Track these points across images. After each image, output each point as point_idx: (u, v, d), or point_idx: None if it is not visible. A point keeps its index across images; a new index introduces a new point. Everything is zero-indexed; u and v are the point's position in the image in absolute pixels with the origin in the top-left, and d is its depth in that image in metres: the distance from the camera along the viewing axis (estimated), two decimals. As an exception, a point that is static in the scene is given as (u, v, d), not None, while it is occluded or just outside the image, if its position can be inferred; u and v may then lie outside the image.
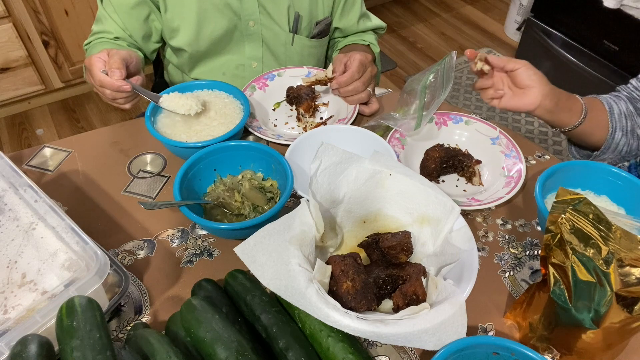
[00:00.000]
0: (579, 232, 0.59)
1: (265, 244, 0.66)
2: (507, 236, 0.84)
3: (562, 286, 0.60)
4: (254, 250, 0.65)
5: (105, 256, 0.65)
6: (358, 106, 1.04)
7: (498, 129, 0.98)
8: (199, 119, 0.95)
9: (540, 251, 0.75)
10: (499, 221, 0.86)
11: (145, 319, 0.72)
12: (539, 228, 0.85)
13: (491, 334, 0.71)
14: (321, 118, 1.06)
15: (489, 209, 0.88)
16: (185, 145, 0.89)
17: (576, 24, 2.28)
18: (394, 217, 0.78)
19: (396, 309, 0.66)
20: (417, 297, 0.65)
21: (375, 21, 1.26)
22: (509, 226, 0.86)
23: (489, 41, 2.94)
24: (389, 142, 0.93)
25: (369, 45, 1.21)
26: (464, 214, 0.84)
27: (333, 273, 0.66)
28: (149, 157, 0.97)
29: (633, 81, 0.96)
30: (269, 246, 0.65)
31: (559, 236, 0.60)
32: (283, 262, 0.63)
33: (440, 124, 1.01)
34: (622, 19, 2.06)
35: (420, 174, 0.88)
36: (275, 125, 1.06)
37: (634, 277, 0.57)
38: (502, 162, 0.94)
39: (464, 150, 0.94)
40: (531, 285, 0.67)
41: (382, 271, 0.71)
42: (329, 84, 1.04)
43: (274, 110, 1.09)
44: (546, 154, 0.98)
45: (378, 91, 1.24)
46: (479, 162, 0.93)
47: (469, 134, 1.00)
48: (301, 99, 1.04)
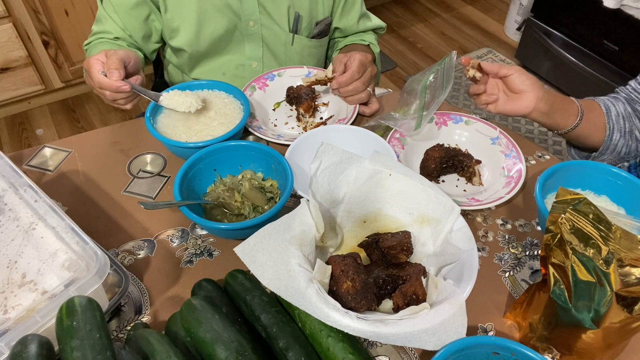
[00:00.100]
0: (579, 232, 0.59)
1: (265, 244, 0.66)
2: (507, 236, 0.84)
3: (562, 286, 0.60)
4: (254, 250, 0.65)
5: (105, 256, 0.65)
6: (358, 106, 1.04)
7: (498, 129, 0.98)
8: (199, 119, 0.95)
9: (540, 251, 0.75)
10: (499, 221, 0.86)
11: (145, 319, 0.72)
12: (539, 228, 0.85)
13: (491, 334, 0.71)
14: (321, 118, 1.06)
15: (489, 209, 0.88)
16: (185, 145, 0.89)
17: (576, 24, 2.28)
18: (394, 217, 0.78)
19: (396, 309, 0.66)
20: (417, 297, 0.65)
21: (375, 21, 1.26)
22: (509, 226, 0.86)
23: (489, 41, 2.94)
24: (389, 142, 0.93)
25: (369, 45, 1.21)
26: (464, 214, 0.84)
27: (333, 273, 0.66)
28: (149, 157, 0.97)
29: (632, 82, 0.97)
30: (269, 246, 0.65)
31: (559, 236, 0.60)
32: (283, 262, 0.63)
33: (440, 124, 1.01)
34: (622, 19, 2.06)
35: (420, 174, 0.88)
36: (275, 125, 1.06)
37: (634, 277, 0.57)
38: (502, 162, 0.94)
39: (464, 150, 0.94)
40: (531, 285, 0.67)
41: (382, 271, 0.71)
42: (329, 84, 1.04)
43: (274, 110, 1.09)
44: (546, 154, 0.98)
45: (378, 91, 1.24)
46: (479, 162, 0.93)
47: (469, 134, 1.00)
48: (301, 99, 1.04)
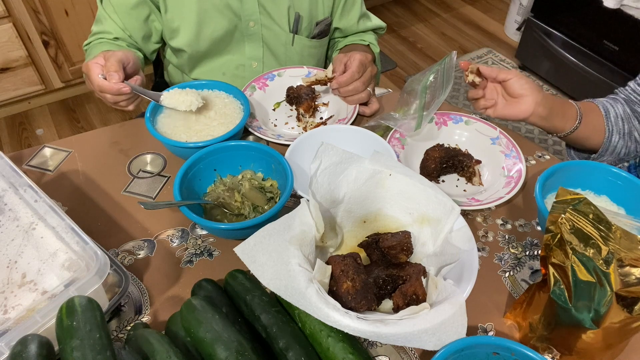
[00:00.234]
0: (579, 232, 0.59)
1: (265, 244, 0.66)
2: (507, 236, 0.84)
3: (562, 286, 0.60)
4: (254, 250, 0.65)
5: (105, 256, 0.65)
6: (358, 106, 1.04)
7: (498, 129, 0.98)
8: (199, 119, 0.95)
9: (540, 251, 0.75)
10: (499, 221, 0.86)
11: (145, 319, 0.72)
12: (539, 228, 0.85)
13: (491, 334, 0.71)
14: (321, 118, 1.06)
15: (489, 209, 0.88)
16: (185, 145, 0.89)
17: (576, 24, 2.28)
18: (394, 217, 0.78)
19: (396, 309, 0.66)
20: (417, 297, 0.65)
21: (375, 21, 1.26)
22: (509, 226, 0.86)
23: (489, 41, 2.94)
24: (389, 142, 0.93)
25: (368, 45, 1.21)
26: (464, 214, 0.84)
27: (333, 273, 0.66)
28: (149, 157, 0.97)
29: (631, 84, 0.97)
30: (269, 246, 0.65)
31: (559, 236, 0.60)
32: (283, 262, 0.63)
33: (440, 124, 1.01)
34: (622, 19, 2.06)
35: (420, 174, 0.88)
36: (275, 125, 1.06)
37: (634, 277, 0.57)
38: (502, 162, 0.94)
39: (464, 150, 0.94)
40: (531, 285, 0.67)
41: (382, 271, 0.71)
42: (329, 84, 1.04)
43: (274, 110, 1.09)
44: (546, 154, 0.98)
45: (378, 91, 1.24)
46: (479, 162, 0.93)
47: (469, 134, 1.00)
48: (301, 99, 1.04)
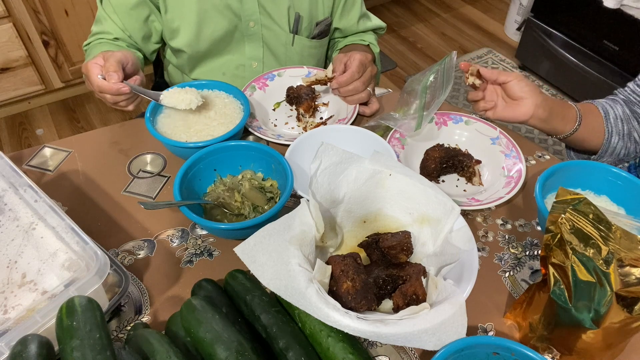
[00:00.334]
0: (579, 232, 0.59)
1: (265, 244, 0.66)
2: (507, 236, 0.84)
3: (562, 286, 0.60)
4: (254, 250, 0.65)
5: (105, 256, 0.65)
6: (358, 106, 1.04)
7: (498, 129, 0.98)
8: (199, 119, 0.95)
9: (540, 251, 0.75)
10: (499, 221, 0.86)
11: (145, 319, 0.72)
12: (539, 228, 0.85)
13: (491, 334, 0.71)
14: (321, 118, 1.06)
15: (489, 209, 0.88)
16: (185, 145, 0.89)
17: (576, 24, 2.28)
18: (394, 217, 0.78)
19: (396, 309, 0.66)
20: (417, 297, 0.65)
21: (375, 21, 1.26)
22: (509, 226, 0.86)
23: (489, 41, 2.94)
24: (389, 142, 0.93)
25: (368, 45, 1.21)
26: (464, 214, 0.84)
27: (333, 273, 0.66)
28: (149, 157, 0.97)
29: (630, 84, 0.97)
30: (269, 246, 0.65)
31: (559, 236, 0.60)
32: (283, 262, 0.63)
33: (440, 124, 1.01)
34: (622, 19, 2.06)
35: (420, 174, 0.88)
36: (275, 125, 1.06)
37: (634, 277, 0.57)
38: (502, 162, 0.94)
39: (464, 150, 0.94)
40: (531, 285, 0.67)
41: (382, 271, 0.71)
42: (329, 84, 1.04)
43: (274, 110, 1.09)
44: (546, 154, 0.98)
45: (378, 91, 1.24)
46: (479, 162, 0.93)
47: (469, 134, 1.00)
48: (301, 99, 1.04)
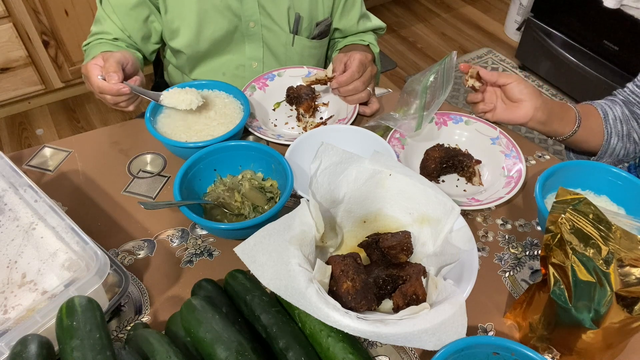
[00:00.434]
0: (579, 232, 0.59)
1: (265, 244, 0.66)
2: (507, 236, 0.84)
3: (562, 286, 0.60)
4: (254, 250, 0.65)
5: (105, 256, 0.65)
6: (358, 106, 1.04)
7: (498, 129, 0.98)
8: (199, 119, 0.95)
9: (540, 251, 0.75)
10: (499, 221, 0.86)
11: (145, 319, 0.72)
12: (539, 228, 0.85)
13: (491, 334, 0.71)
14: (321, 118, 1.06)
15: (489, 209, 0.88)
16: (185, 145, 0.89)
17: (576, 24, 2.28)
18: (394, 217, 0.78)
19: (396, 309, 0.66)
20: (417, 297, 0.65)
21: (375, 21, 1.26)
22: (509, 226, 0.86)
23: (489, 41, 2.94)
24: (389, 142, 0.93)
25: (368, 45, 1.21)
26: (464, 214, 0.84)
27: (333, 273, 0.66)
28: (149, 157, 0.97)
29: (630, 85, 0.97)
30: (269, 246, 0.65)
31: (559, 236, 0.60)
32: (283, 262, 0.63)
33: (440, 124, 1.01)
34: (622, 19, 2.06)
35: (420, 174, 0.88)
36: (275, 125, 1.06)
37: (634, 277, 0.57)
38: (502, 162, 0.94)
39: (464, 150, 0.94)
40: (531, 285, 0.67)
41: (382, 271, 0.71)
42: (328, 84, 1.04)
43: (274, 110, 1.09)
44: (546, 154, 0.98)
45: (378, 91, 1.24)
46: (479, 162, 0.93)
47: (469, 134, 1.00)
48: (301, 99, 1.04)
